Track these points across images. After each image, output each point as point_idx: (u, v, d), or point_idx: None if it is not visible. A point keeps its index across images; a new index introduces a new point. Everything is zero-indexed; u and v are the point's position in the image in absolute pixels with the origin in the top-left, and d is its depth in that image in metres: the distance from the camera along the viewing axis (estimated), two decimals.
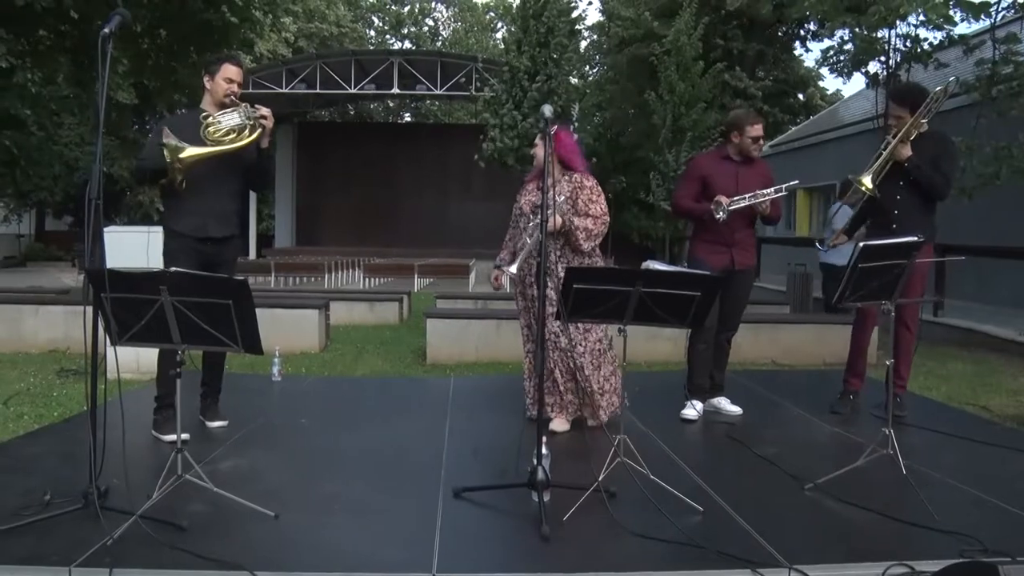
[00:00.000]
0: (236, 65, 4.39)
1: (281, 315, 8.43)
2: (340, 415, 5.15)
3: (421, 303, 12.89)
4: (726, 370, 5.25)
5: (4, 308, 8.80)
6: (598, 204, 4.52)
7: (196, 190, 4.19)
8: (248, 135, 4.17)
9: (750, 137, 4.96)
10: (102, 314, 3.06)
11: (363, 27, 46.88)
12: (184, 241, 4.25)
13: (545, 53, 20.36)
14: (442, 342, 8.20)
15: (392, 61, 27.31)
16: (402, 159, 33.15)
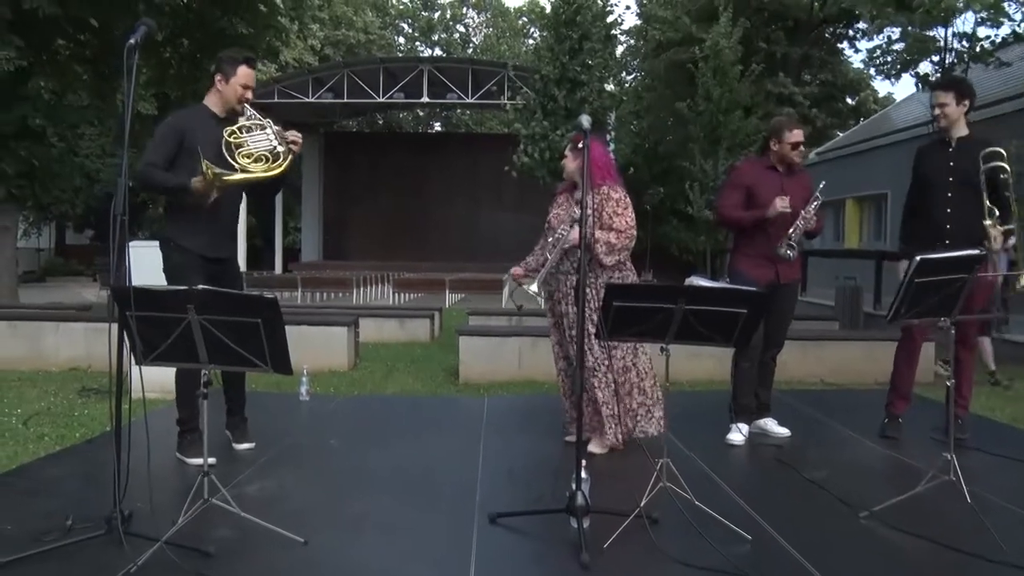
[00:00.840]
0: (252, 68, 4.29)
1: (309, 332, 8.49)
2: (370, 435, 5.15)
3: (453, 320, 12.90)
4: (772, 390, 5.19)
5: (24, 325, 8.91)
6: (623, 217, 4.50)
7: (210, 207, 4.14)
8: (281, 164, 4.08)
9: (789, 143, 4.91)
10: (127, 333, 3.09)
11: (392, 34, 47.28)
12: (192, 258, 4.21)
13: (579, 60, 20.32)
14: (475, 360, 8.19)
15: (422, 69, 27.51)
16: (432, 170, 33.32)
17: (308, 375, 6.26)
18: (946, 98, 4.78)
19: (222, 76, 4.24)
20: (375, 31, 41.75)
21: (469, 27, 52.77)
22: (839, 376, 8.03)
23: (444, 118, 46.34)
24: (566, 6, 20.80)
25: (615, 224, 4.46)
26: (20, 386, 7.44)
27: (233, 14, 14.29)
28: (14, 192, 13.97)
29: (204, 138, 4.02)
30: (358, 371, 8.64)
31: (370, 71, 27.65)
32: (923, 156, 5.04)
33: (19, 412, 6.20)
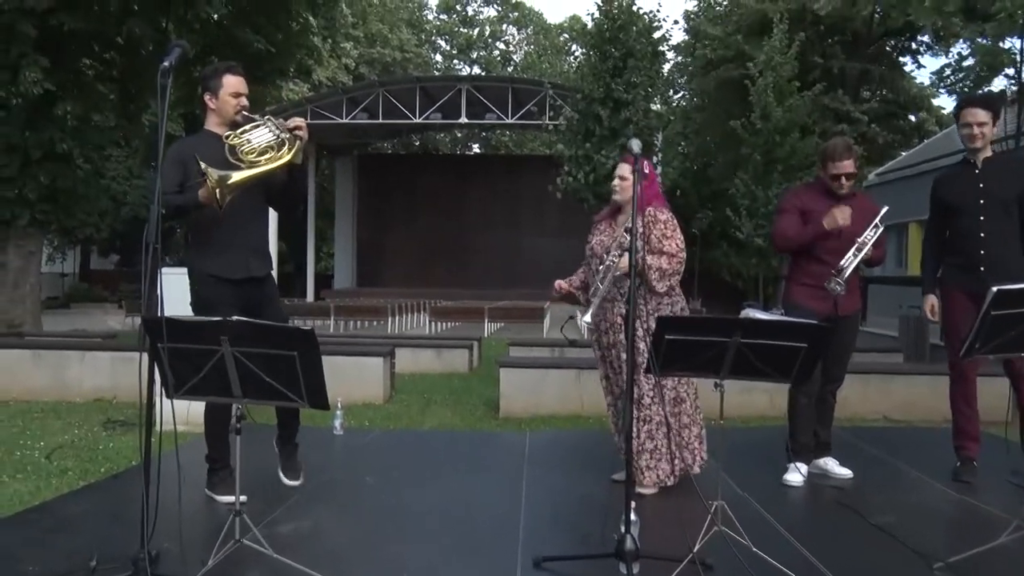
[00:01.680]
0: (237, 75, 4.21)
1: (342, 363, 8.52)
2: (406, 472, 5.15)
3: (492, 350, 12.89)
4: (832, 427, 5.09)
5: (47, 354, 9.03)
6: (673, 240, 4.48)
7: (230, 222, 4.05)
8: (288, 151, 3.98)
9: (831, 174, 4.82)
10: (158, 365, 3.13)
11: (428, 52, 47.77)
12: (222, 288, 4.10)
13: (623, 78, 20.33)
14: (516, 393, 8.17)
15: (460, 88, 27.77)
16: (470, 193, 33.53)
17: (342, 408, 6.28)
18: (986, 116, 4.71)
19: (210, 94, 4.19)
20: (411, 49, 42.16)
21: (509, 44, 53.19)
22: (904, 413, 7.88)
23: (483, 139, 46.70)
24: (609, 22, 20.83)
25: (665, 248, 4.44)
26: (43, 418, 7.53)
27: (264, 32, 14.53)
28: (38, 217, 14.30)
29: (216, 158, 3.94)
30: (394, 404, 8.66)
31: (406, 90, 27.94)
32: (945, 183, 4.94)
33: (42, 445, 6.26)
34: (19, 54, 12.71)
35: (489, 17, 52.39)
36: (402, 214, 33.44)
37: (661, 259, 4.42)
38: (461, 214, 33.50)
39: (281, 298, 4.62)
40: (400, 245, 33.54)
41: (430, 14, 50.88)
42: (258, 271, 4.21)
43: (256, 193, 4.14)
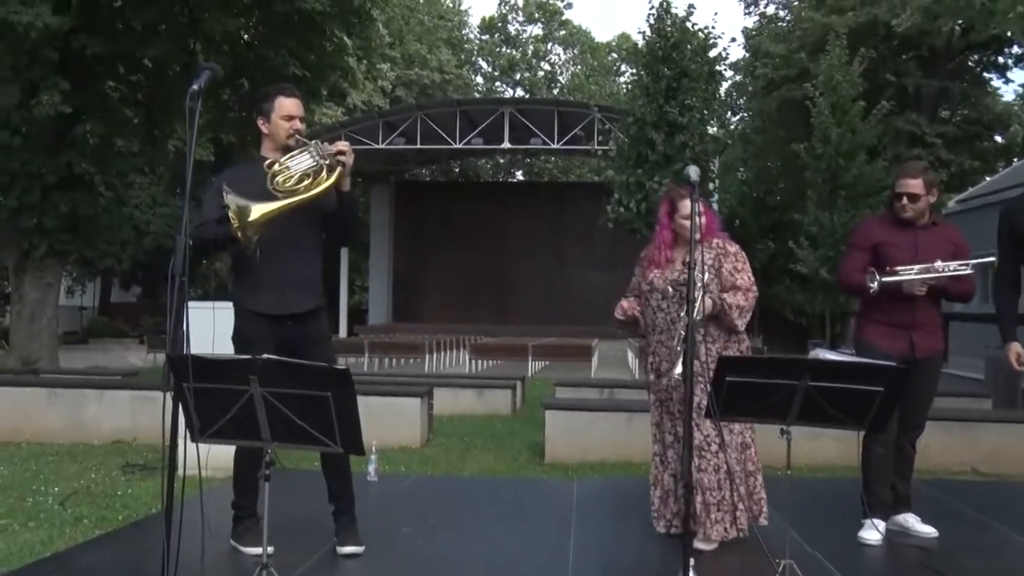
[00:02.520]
0: (292, 97, 4.26)
1: (377, 404, 8.51)
2: (445, 521, 5.12)
3: (537, 391, 12.84)
4: (913, 480, 4.97)
5: (63, 392, 9.07)
6: (745, 273, 4.44)
7: (269, 254, 4.05)
8: (326, 177, 3.97)
9: (894, 193, 4.75)
10: (183, 406, 3.14)
11: (469, 73, 48.27)
12: (259, 324, 4.12)
13: (678, 100, 20.29)
14: (563, 437, 8.11)
15: (502, 111, 28.00)
16: (514, 223, 33.63)
17: (376, 452, 6.28)
18: None
19: (262, 117, 4.24)
20: (451, 70, 42.64)
21: (554, 65, 53.56)
22: (994, 465, 7.67)
23: (527, 165, 46.96)
24: (662, 40, 20.83)
25: (738, 282, 4.39)
26: (58, 461, 7.55)
27: (296, 53, 14.75)
28: (56, 247, 14.53)
29: (260, 188, 3.97)
30: (431, 448, 8.64)
31: (445, 114, 28.22)
32: (1017, 214, 4.82)
33: (56, 491, 6.27)
34: (40, 76, 13.02)
35: (533, 36, 52.87)
36: (441, 245, 33.64)
37: (737, 295, 4.37)
38: (504, 245, 33.60)
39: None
40: (439, 278, 33.70)
41: (471, 33, 51.50)
42: (296, 307, 4.15)
43: (304, 222, 4.13)
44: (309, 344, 4.12)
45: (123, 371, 12.53)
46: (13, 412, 8.87)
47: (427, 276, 33.89)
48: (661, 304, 4.50)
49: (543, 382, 14.43)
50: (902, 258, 4.64)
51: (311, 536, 4.61)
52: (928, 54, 23.57)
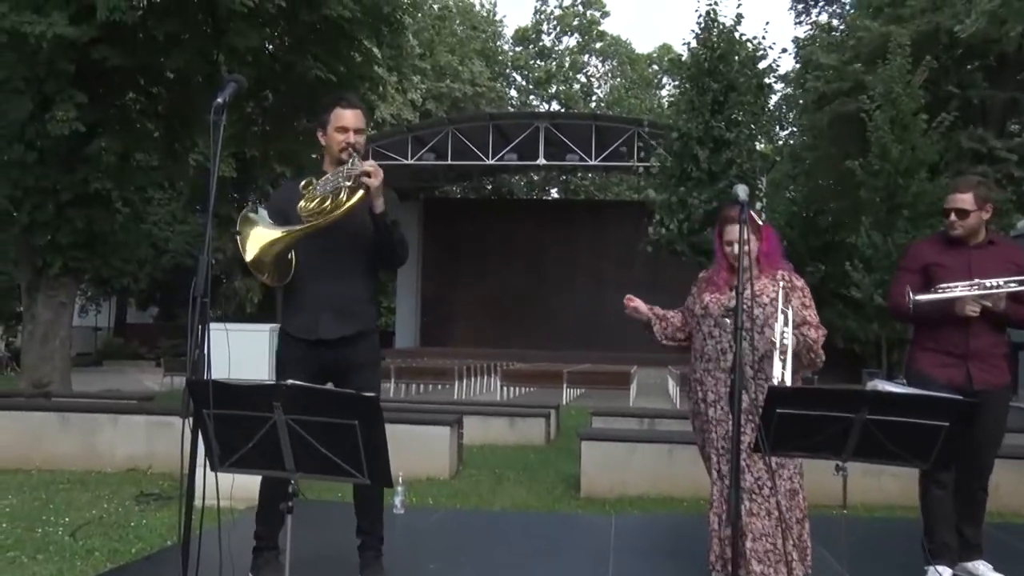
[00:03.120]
0: (349, 107, 4.21)
1: (404, 433, 8.48)
2: (475, 558, 5.10)
3: (572, 420, 12.79)
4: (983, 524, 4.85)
5: (75, 417, 9.05)
6: (813, 310, 4.37)
7: (310, 276, 4.11)
8: (346, 200, 3.93)
9: (943, 210, 4.68)
10: (203, 434, 3.15)
11: (503, 86, 48.46)
12: (296, 347, 4.17)
13: (725, 114, 20.20)
14: (600, 470, 8.05)
15: (537, 126, 28.07)
16: (548, 243, 33.65)
17: (403, 484, 6.27)
18: None
19: (320, 129, 4.25)
20: (484, 83, 42.79)
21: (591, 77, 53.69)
22: None
23: (563, 183, 47.01)
24: (707, 51, 20.79)
25: (808, 317, 4.32)
26: (69, 490, 7.55)
27: (323, 62, 14.81)
28: (71, 264, 14.58)
29: (292, 209, 4.02)
30: (461, 479, 8.61)
31: (478, 129, 28.32)
32: None
33: (66, 521, 6.27)
34: (55, 90, 13.13)
35: (569, 48, 53.09)
36: (472, 266, 33.71)
37: (810, 331, 4.31)
38: (538, 266, 33.61)
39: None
40: (469, 300, 33.75)
41: (504, 44, 51.76)
42: (327, 332, 4.14)
43: (348, 244, 4.14)
44: (348, 370, 4.13)
45: (139, 395, 12.59)
46: (23, 437, 8.88)
47: (457, 298, 33.94)
48: (712, 331, 4.43)
49: (579, 411, 14.36)
50: (954, 280, 4.54)
51: (334, 571, 4.61)
52: (995, 63, 23.16)
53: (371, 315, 4.33)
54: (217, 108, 3.30)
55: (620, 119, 32.37)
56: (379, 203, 4.04)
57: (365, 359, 4.25)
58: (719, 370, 4.37)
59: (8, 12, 12.12)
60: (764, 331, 4.22)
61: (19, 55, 12.77)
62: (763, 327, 4.23)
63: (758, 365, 4.27)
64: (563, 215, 36.86)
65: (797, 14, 31.35)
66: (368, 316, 4.29)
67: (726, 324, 4.36)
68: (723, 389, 4.38)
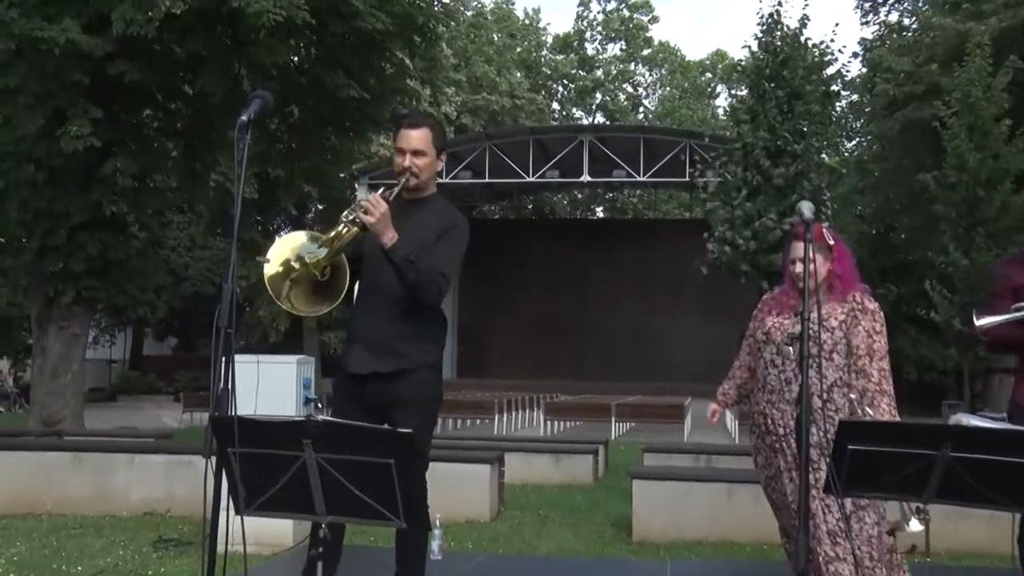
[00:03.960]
0: (412, 127, 4.22)
1: (441, 471, 8.41)
2: None
3: (621, 457, 12.74)
4: None
5: (89, 457, 9.05)
6: (883, 337, 4.31)
7: (361, 308, 4.20)
8: (342, 237, 4.00)
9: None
10: (227, 474, 3.16)
11: (544, 98, 48.52)
12: (343, 381, 4.26)
13: (789, 124, 20.02)
14: (653, 512, 8.00)
15: (581, 140, 28.13)
16: (594, 265, 33.62)
17: (441, 527, 6.26)
18: None
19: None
20: (523, 94, 42.84)
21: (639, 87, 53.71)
22: None
23: (609, 201, 47.01)
24: (770, 56, 20.66)
25: (875, 346, 4.28)
26: (81, 535, 7.57)
27: (354, 75, 14.83)
28: (84, 293, 14.62)
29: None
30: (502, 522, 8.59)
31: (517, 144, 28.42)
32: None
33: (79, 570, 6.30)
34: (68, 103, 13.21)
35: (614, 56, 53.19)
36: (511, 290, 33.73)
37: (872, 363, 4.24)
38: (582, 291, 33.59)
39: None
40: (509, 328, 33.75)
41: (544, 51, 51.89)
42: (360, 367, 4.16)
43: (388, 275, 4.09)
44: (390, 406, 4.13)
45: (156, 433, 12.67)
46: (33, 479, 8.89)
47: (496, 326, 33.96)
48: (775, 359, 4.39)
49: (629, 447, 14.30)
50: None
51: None
52: None
53: (418, 352, 4.23)
54: (241, 126, 3.31)
55: (671, 131, 32.33)
56: (385, 239, 3.96)
57: (409, 395, 4.17)
58: (783, 402, 4.33)
59: (19, 18, 12.25)
60: (833, 358, 4.20)
61: (30, 65, 12.86)
62: (831, 353, 4.22)
63: (827, 395, 4.23)
64: (609, 235, 36.79)
65: (864, 13, 31.06)
66: (414, 353, 4.21)
67: (789, 352, 4.33)
68: (789, 422, 4.34)
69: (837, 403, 4.28)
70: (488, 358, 33.67)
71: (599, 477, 11.51)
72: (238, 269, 3.49)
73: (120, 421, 18.66)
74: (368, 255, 4.14)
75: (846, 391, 4.29)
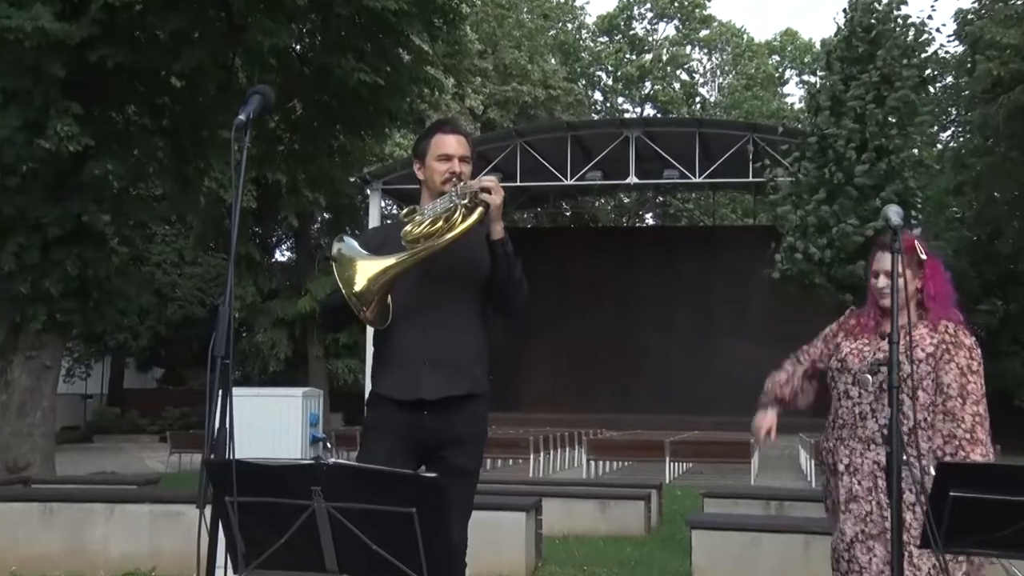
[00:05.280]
0: (452, 132, 4.27)
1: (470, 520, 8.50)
2: None
3: (678, 503, 12.70)
4: None
5: (61, 508, 9.05)
6: (979, 378, 4.23)
7: (408, 324, 4.09)
8: (460, 222, 3.92)
9: None
10: (224, 526, 3.16)
11: (584, 88, 48.48)
12: (388, 411, 4.14)
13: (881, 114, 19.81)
14: (716, 567, 8.00)
15: (627, 136, 28.13)
16: (643, 280, 33.61)
17: None
18: None
19: (418, 161, 4.30)
20: (559, 84, 42.72)
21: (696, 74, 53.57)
22: None
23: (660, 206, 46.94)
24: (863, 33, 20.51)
25: (969, 387, 4.19)
26: None
27: (367, 61, 14.71)
28: (58, 318, 14.48)
29: (392, 246, 4.05)
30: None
31: (553, 142, 28.49)
32: None
33: None
34: (45, 100, 13.19)
35: (667, 38, 53.12)
36: (548, 311, 33.63)
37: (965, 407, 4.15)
38: (631, 310, 33.54)
39: None
40: (546, 353, 33.75)
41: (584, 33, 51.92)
42: (433, 391, 4.10)
43: (457, 283, 4.17)
44: (449, 443, 4.09)
45: (139, 478, 12.70)
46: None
47: (530, 351, 33.89)
48: (849, 390, 4.34)
49: (687, 492, 14.24)
50: None
51: None
52: None
53: (483, 374, 4.28)
54: (239, 126, 3.28)
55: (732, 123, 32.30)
56: (498, 228, 4.02)
57: (471, 432, 4.20)
58: (855, 439, 4.26)
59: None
60: (917, 395, 4.14)
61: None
62: (915, 390, 4.14)
63: (909, 437, 4.16)
64: (661, 246, 36.75)
65: None
66: (480, 375, 4.26)
67: (868, 381, 4.28)
68: (859, 461, 4.26)
69: (921, 448, 4.21)
70: (522, 388, 33.60)
71: (652, 527, 11.49)
72: (235, 288, 3.47)
73: (97, 465, 18.76)
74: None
75: (931, 434, 4.22)
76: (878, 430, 4.26)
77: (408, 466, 3.91)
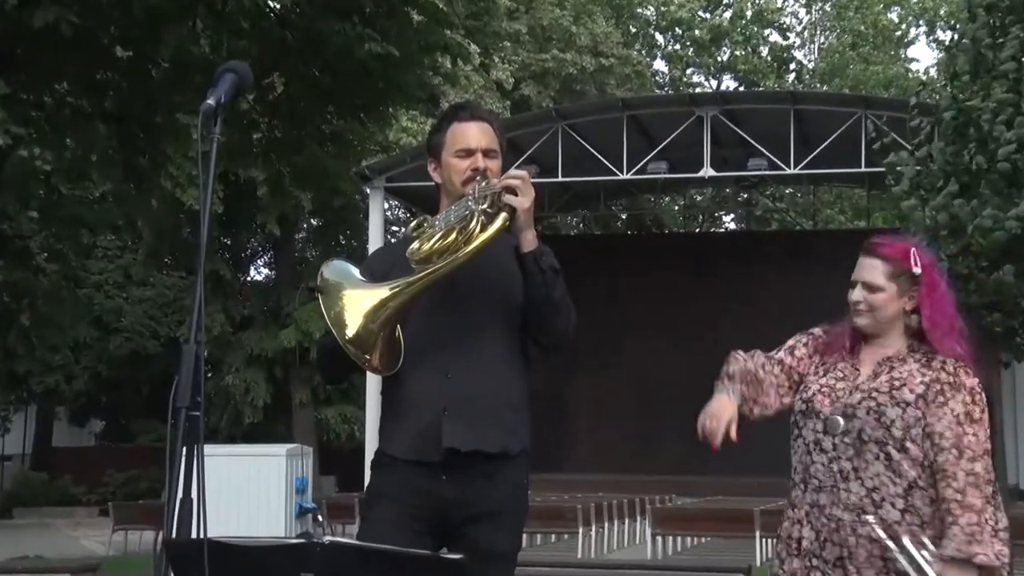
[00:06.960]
0: (472, 119, 4.26)
1: None
2: None
3: None
4: None
5: None
6: (981, 429, 4.15)
7: (420, 365, 4.05)
8: (479, 232, 3.87)
9: None
10: None
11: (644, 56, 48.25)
12: (393, 474, 4.09)
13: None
14: None
15: (700, 116, 27.99)
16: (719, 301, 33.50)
17: None
18: None
19: (433, 160, 4.30)
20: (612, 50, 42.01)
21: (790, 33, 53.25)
22: None
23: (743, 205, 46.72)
24: None
25: (966, 440, 4.12)
26: None
27: (371, 21, 14.44)
28: None
29: (402, 267, 4.01)
30: None
31: (605, 124, 28.43)
32: None
33: None
34: None
35: None
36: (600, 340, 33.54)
37: (959, 462, 4.09)
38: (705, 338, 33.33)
39: None
40: (597, 396, 33.67)
41: None
42: (459, 441, 3.98)
43: (485, 310, 4.13)
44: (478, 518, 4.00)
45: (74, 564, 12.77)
46: None
47: (577, 393, 33.81)
48: (821, 439, 4.30)
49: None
50: None
51: None
52: None
53: (522, 427, 4.24)
54: (208, 113, 3.24)
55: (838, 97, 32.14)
56: (529, 237, 3.99)
57: (506, 502, 4.08)
58: (837, 505, 4.20)
59: None
60: (906, 447, 4.11)
61: None
62: (903, 441, 4.11)
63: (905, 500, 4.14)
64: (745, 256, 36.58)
65: None
66: (518, 428, 4.21)
67: (838, 425, 4.22)
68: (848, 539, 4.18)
69: (922, 513, 4.16)
70: (566, 441, 33.46)
71: None
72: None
73: (19, 548, 18.80)
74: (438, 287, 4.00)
75: (933, 495, 4.14)
76: (866, 495, 4.19)
77: (423, 546, 3.83)
